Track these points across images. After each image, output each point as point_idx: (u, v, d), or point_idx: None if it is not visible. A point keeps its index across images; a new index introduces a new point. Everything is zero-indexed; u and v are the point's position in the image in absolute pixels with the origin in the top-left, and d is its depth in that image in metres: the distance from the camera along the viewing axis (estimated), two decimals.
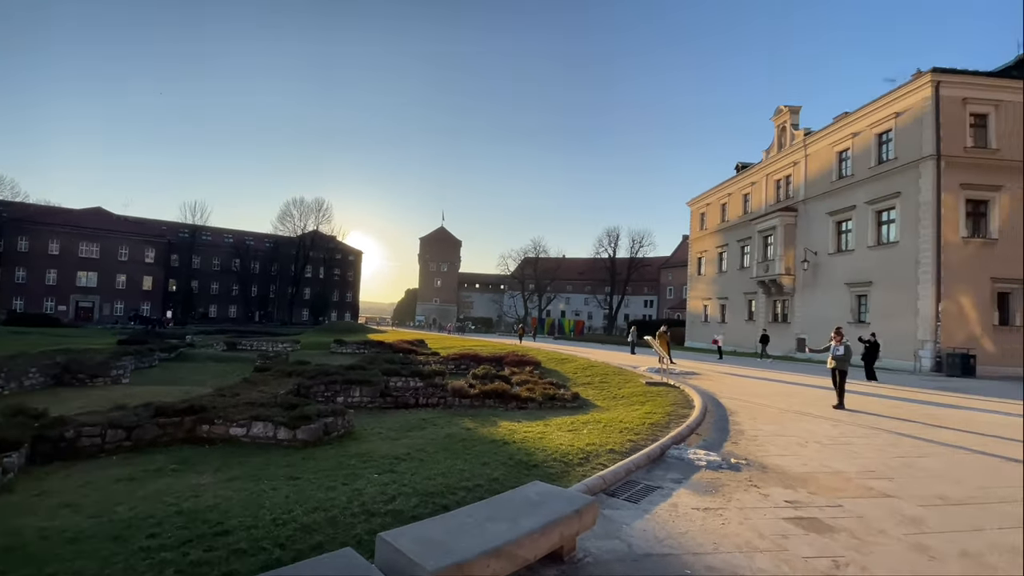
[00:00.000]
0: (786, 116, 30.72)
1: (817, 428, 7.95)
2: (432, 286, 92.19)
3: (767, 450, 6.47)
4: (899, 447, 6.83)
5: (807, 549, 3.58)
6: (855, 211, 24.40)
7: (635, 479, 5.18)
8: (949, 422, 8.84)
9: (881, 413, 9.54)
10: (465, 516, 2.85)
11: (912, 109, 21.41)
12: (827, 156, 26.85)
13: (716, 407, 9.72)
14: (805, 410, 9.69)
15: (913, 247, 20.77)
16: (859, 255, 24.08)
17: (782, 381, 15.36)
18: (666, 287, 78.04)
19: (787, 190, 30.70)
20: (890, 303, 21.87)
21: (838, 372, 10.06)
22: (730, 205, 37.89)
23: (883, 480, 5.27)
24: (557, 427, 7.76)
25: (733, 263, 36.60)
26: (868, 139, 23.87)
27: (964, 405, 11.14)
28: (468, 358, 19.41)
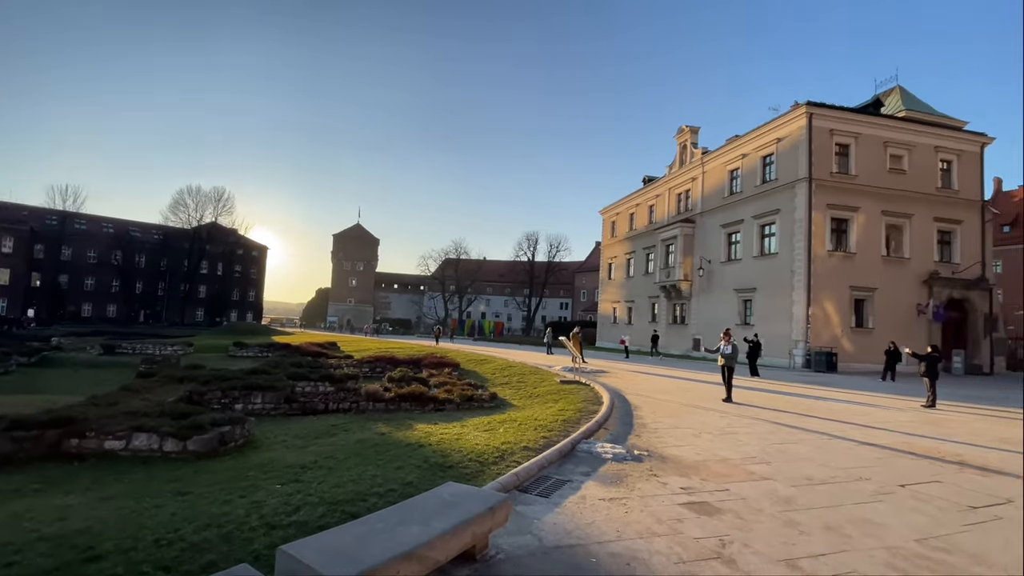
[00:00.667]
0: (687, 135, 33.42)
1: (709, 420, 8.74)
2: (346, 286, 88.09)
3: (666, 441, 6.99)
4: (776, 435, 7.70)
5: (698, 531, 3.93)
6: (743, 224, 27.16)
7: (547, 474, 5.35)
8: (816, 412, 10.13)
9: (762, 405, 10.70)
10: (375, 522, 2.78)
11: (790, 136, 24.30)
12: (721, 174, 29.61)
13: (622, 403, 10.32)
14: (699, 404, 10.60)
15: (789, 258, 23.55)
16: (745, 264, 26.82)
17: (680, 378, 16.66)
18: (580, 290, 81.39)
19: (687, 203, 33.38)
20: (770, 307, 24.59)
21: (727, 369, 11.14)
22: (637, 215, 40.40)
23: (762, 465, 5.92)
24: (474, 427, 7.79)
25: (639, 269, 39.05)
26: (755, 160, 26.71)
27: (828, 397, 12.82)
28: (384, 361, 18.82)
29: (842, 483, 5.33)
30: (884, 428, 8.50)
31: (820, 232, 23.02)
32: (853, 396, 13.12)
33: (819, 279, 22.68)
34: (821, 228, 23.07)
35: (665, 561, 3.39)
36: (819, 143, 23.35)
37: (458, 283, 77.37)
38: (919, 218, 24.45)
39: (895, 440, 7.54)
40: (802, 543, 3.77)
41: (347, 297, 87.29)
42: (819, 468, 5.87)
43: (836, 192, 23.46)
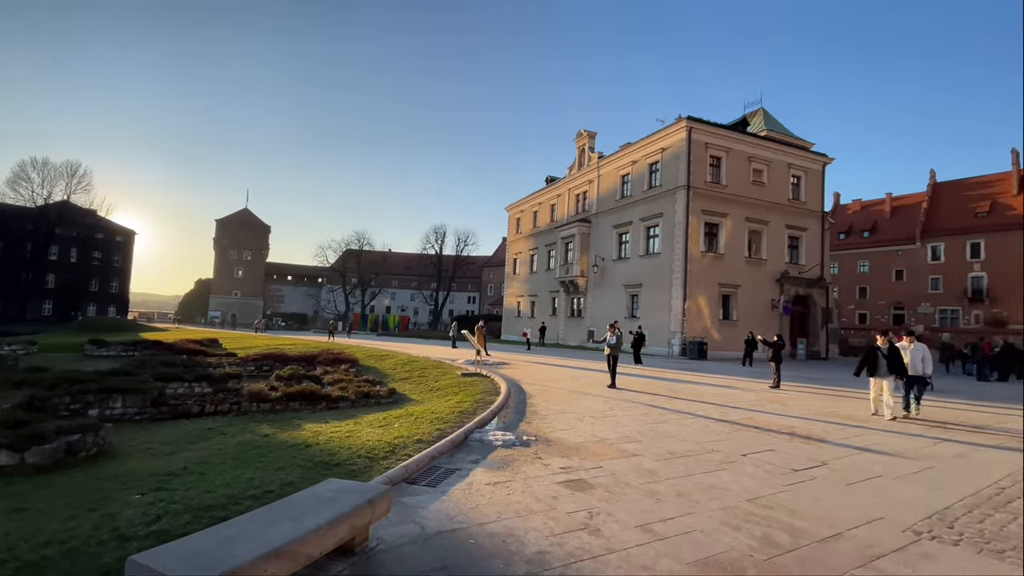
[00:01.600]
0: (586, 139, 35.27)
1: (593, 405, 9.46)
2: (231, 276, 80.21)
3: (553, 426, 7.48)
4: (649, 416, 8.57)
5: (571, 505, 4.32)
6: (632, 226, 29.41)
7: (438, 465, 5.49)
8: (684, 394, 11.40)
9: (640, 390, 11.78)
10: (244, 523, 2.71)
11: (673, 147, 26.75)
12: (614, 178, 31.72)
13: (518, 392, 10.77)
14: (587, 391, 11.40)
15: (670, 257, 25.99)
16: (633, 262, 29.09)
17: (574, 367, 17.69)
18: (487, 284, 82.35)
19: (584, 204, 35.28)
20: (653, 301, 26.96)
21: (611, 358, 12.10)
22: (540, 213, 41.83)
23: (633, 443, 6.59)
24: (368, 424, 7.67)
25: (541, 265, 40.53)
26: (643, 167, 29.00)
27: (696, 381, 14.45)
28: (273, 358, 17.59)
29: (696, 455, 6.12)
30: (736, 407, 9.83)
31: (695, 235, 25.67)
32: (716, 380, 14.91)
33: (694, 277, 25.32)
34: (696, 231, 25.74)
35: (538, 536, 3.69)
36: (697, 155, 25.99)
37: (361, 275, 74.15)
38: (774, 225, 28.29)
39: (743, 416, 8.78)
40: (657, 510, 4.30)
41: (232, 289, 79.65)
42: (680, 443, 6.67)
43: (709, 199, 26.30)
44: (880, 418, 8.89)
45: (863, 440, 7.17)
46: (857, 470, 5.62)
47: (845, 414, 9.42)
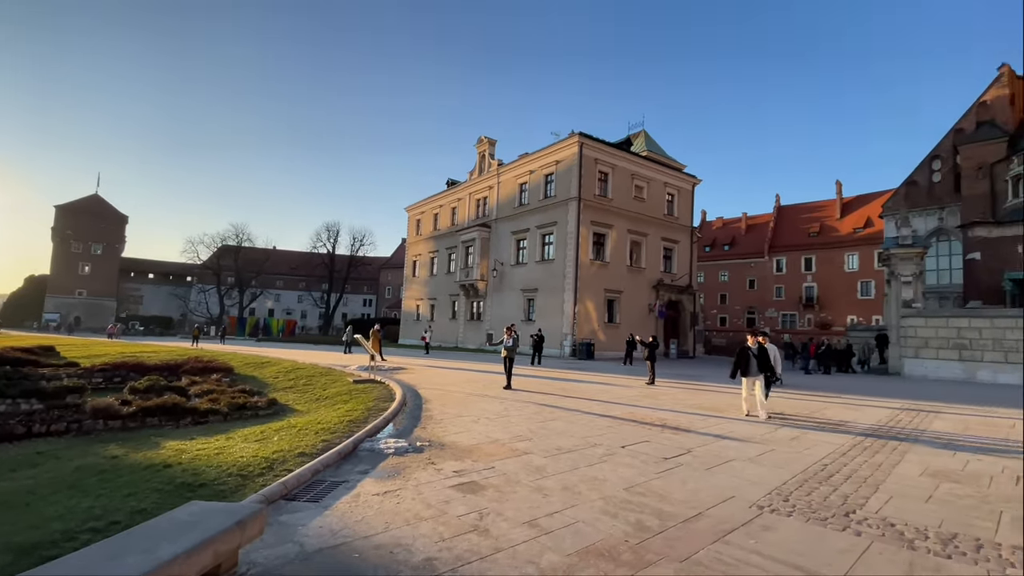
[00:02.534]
0: (486, 146, 35.80)
1: (489, 407, 9.61)
2: (75, 273, 68.06)
3: (448, 430, 7.46)
4: (541, 415, 8.91)
5: (462, 508, 4.33)
6: (529, 233, 30.46)
7: (322, 478, 5.18)
8: (573, 393, 12.04)
9: (534, 390, 12.22)
10: (77, 561, 2.33)
11: (567, 160, 28.23)
12: (513, 186, 32.60)
13: (415, 397, 10.56)
14: (484, 393, 11.54)
15: (563, 264, 27.37)
16: (530, 267, 30.14)
17: (472, 370, 17.80)
18: (385, 287, 79.53)
19: (484, 209, 35.76)
20: (548, 305, 28.15)
21: (508, 360, 12.39)
22: (441, 215, 41.54)
23: (526, 441, 6.81)
24: (243, 439, 6.99)
25: (442, 268, 40.22)
26: (539, 177, 30.20)
27: (584, 380, 15.33)
28: (128, 368, 15.28)
29: (581, 450, 6.49)
30: (618, 402, 10.62)
31: (585, 243, 27.32)
32: (602, 378, 15.97)
33: (583, 282, 26.91)
34: (586, 240, 27.40)
35: (427, 542, 3.66)
36: (587, 169, 27.71)
37: (239, 274, 67.23)
38: (652, 237, 31.09)
39: (624, 411, 9.51)
40: (544, 505, 4.49)
41: (76, 288, 67.71)
42: (567, 439, 7.03)
43: (598, 211, 28.16)
44: (754, 418, 9.05)
45: (721, 428, 8.14)
46: (715, 456, 6.37)
47: (708, 405, 10.63)
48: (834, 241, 50.46)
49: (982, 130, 25.89)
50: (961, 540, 3.84)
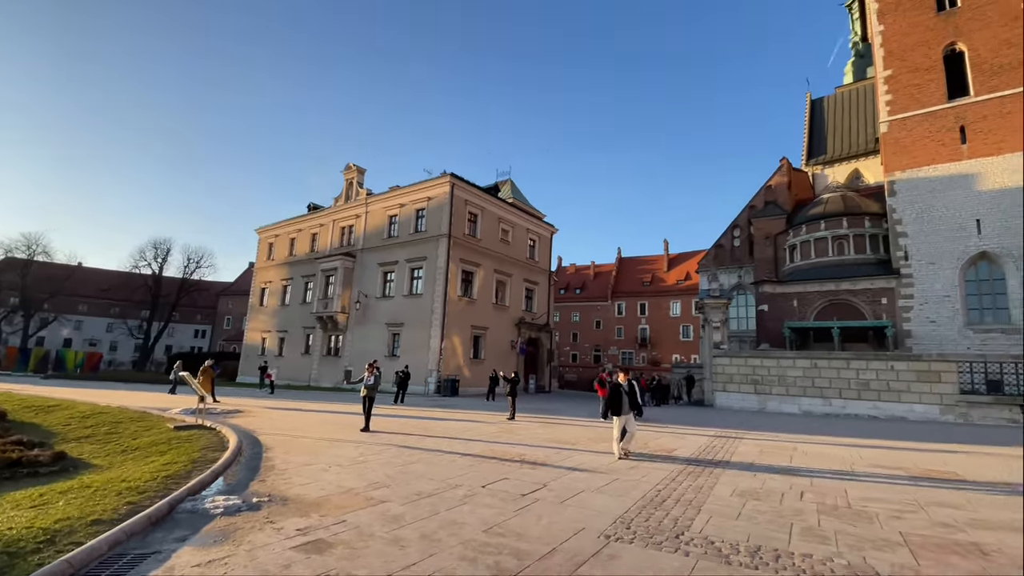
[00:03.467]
0: (355, 173, 34.65)
1: (343, 452, 8.91)
2: None
3: (292, 482, 6.70)
4: (401, 457, 8.53)
5: (306, 571, 3.89)
6: (397, 266, 29.85)
7: (125, 551, 4.24)
8: (436, 432, 11.79)
9: (395, 431, 11.68)
10: None
11: (438, 197, 28.64)
12: (382, 217, 31.89)
13: (253, 445, 9.34)
14: (338, 436, 10.68)
15: (431, 299, 27.23)
16: (397, 301, 29.37)
17: (325, 411, 16.40)
18: (224, 316, 70.05)
19: (350, 238, 34.19)
20: (414, 340, 27.54)
21: (367, 399, 11.72)
22: (299, 241, 38.58)
23: (382, 489, 6.42)
24: (14, 505, 5.43)
25: (296, 297, 37.03)
26: (411, 211, 30.06)
27: (447, 418, 15.14)
28: None
29: (441, 493, 6.33)
30: (479, 439, 10.68)
31: (454, 280, 27.64)
32: (465, 415, 15.95)
33: (451, 318, 27.01)
34: (455, 277, 27.75)
35: None
36: (458, 209, 28.40)
37: (24, 294, 53.14)
38: (516, 278, 32.71)
39: (485, 448, 9.58)
40: (400, 558, 4.23)
41: None
42: (428, 483, 6.81)
43: (467, 250, 28.85)
44: (625, 460, 8.90)
45: (573, 461, 8.65)
46: (568, 488, 6.72)
47: (562, 438, 11.24)
48: (662, 290, 58.52)
49: (768, 208, 32.79)
50: (764, 552, 4.57)
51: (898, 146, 25.93)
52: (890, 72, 26.71)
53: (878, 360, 20.76)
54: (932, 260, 24.29)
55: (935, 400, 19.22)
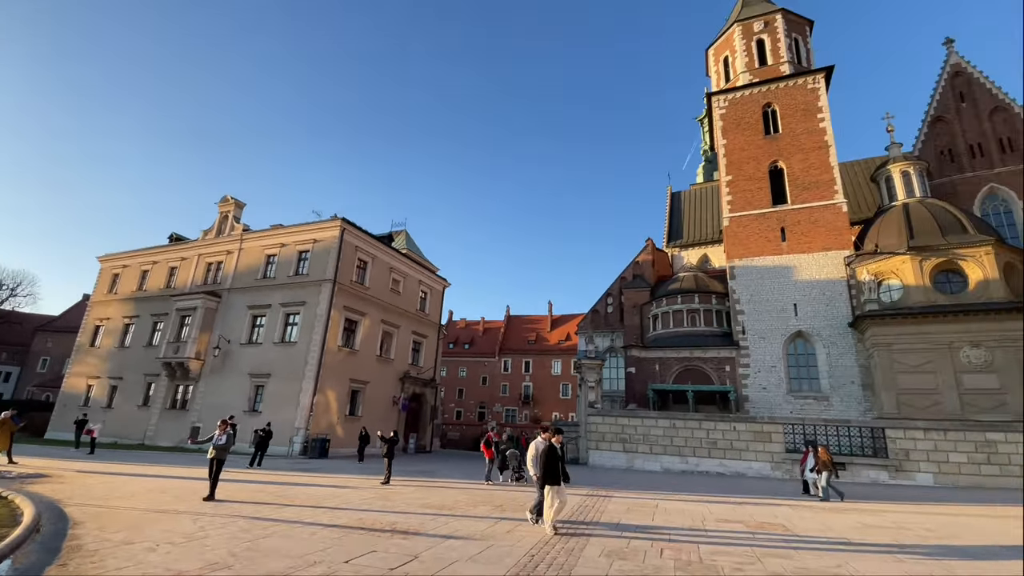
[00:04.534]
0: (232, 207, 32.00)
1: (177, 526, 7.63)
2: None
3: (105, 566, 5.56)
4: (251, 531, 7.52)
5: None
6: (270, 309, 27.46)
7: None
8: (297, 500, 10.64)
9: (247, 499, 10.32)
10: None
11: (325, 241, 27.44)
12: (259, 256, 29.52)
13: (57, 519, 7.61)
14: (173, 507, 9.14)
15: (306, 348, 25.25)
16: (266, 348, 26.74)
17: (162, 476, 13.99)
18: (40, 357, 57.40)
19: (216, 275, 30.93)
20: (281, 394, 25.03)
21: (216, 461, 10.28)
22: (153, 274, 33.96)
23: (224, 570, 5.59)
24: None
25: (140, 338, 32.02)
26: (292, 252, 28.29)
27: (312, 483, 13.77)
28: None
29: (296, 572, 5.70)
30: (347, 507, 9.86)
31: (335, 328, 26.11)
32: (333, 480, 14.65)
33: (328, 370, 25.20)
34: (337, 325, 26.25)
35: None
36: (347, 254, 27.42)
37: None
38: (403, 329, 31.90)
39: (353, 518, 8.86)
40: None
41: None
42: (281, 561, 6.08)
43: (352, 297, 27.66)
44: (531, 526, 8.59)
45: (449, 528, 8.36)
46: (440, 559, 6.44)
47: (439, 503, 10.82)
48: (546, 349, 61.01)
49: (636, 281, 36.56)
50: None
51: (736, 238, 31.06)
52: (730, 178, 32.38)
53: (723, 422, 23.50)
54: (763, 335, 28.76)
55: (767, 458, 22.10)
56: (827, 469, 14.39)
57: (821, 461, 14.56)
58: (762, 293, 29.36)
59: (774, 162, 31.57)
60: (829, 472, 14.39)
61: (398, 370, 31.02)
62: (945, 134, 32.36)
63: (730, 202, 31.96)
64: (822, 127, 30.59)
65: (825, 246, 28.62)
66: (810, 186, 30.02)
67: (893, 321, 24.65)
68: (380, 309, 29.79)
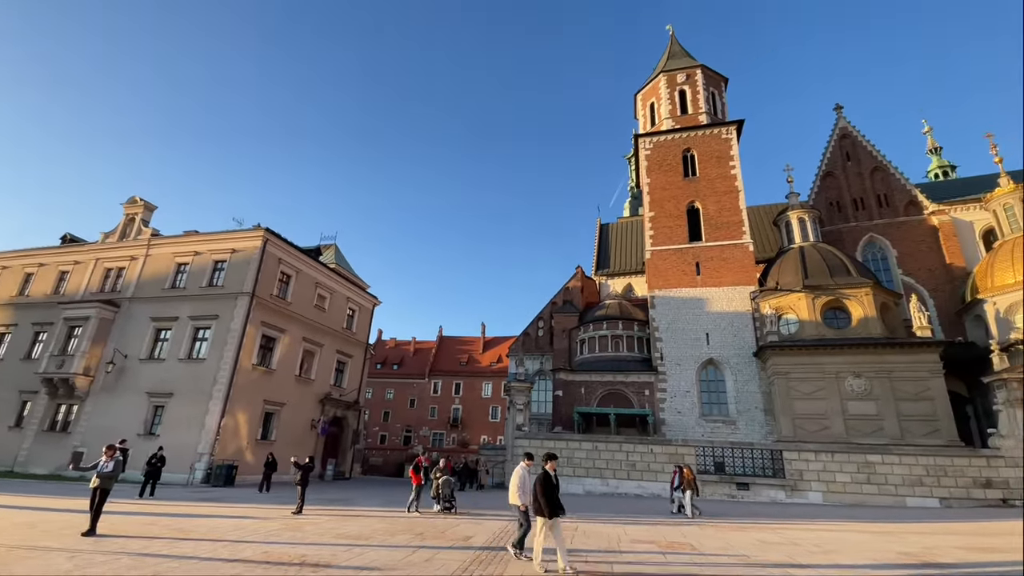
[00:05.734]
0: (140, 209, 29.46)
1: (50, 565, 6.76)
2: None
3: None
4: (138, 568, 6.83)
5: None
6: (177, 323, 25.28)
7: None
8: (195, 533, 9.77)
9: (136, 533, 9.33)
10: None
11: (245, 251, 25.90)
12: (168, 263, 27.25)
13: None
14: (45, 543, 8.07)
15: (216, 366, 23.41)
16: (169, 365, 24.48)
17: (33, 508, 12.28)
18: None
19: (116, 282, 28.12)
20: (184, 416, 22.91)
21: (100, 491, 9.25)
22: (39, 278, 30.26)
23: None
24: None
25: (17, 350, 28.22)
26: (207, 261, 26.39)
27: (215, 514, 12.68)
28: None
29: None
30: (252, 540, 9.20)
31: (251, 346, 24.50)
32: (239, 510, 13.58)
33: (239, 390, 23.50)
34: (253, 342, 24.66)
35: None
36: (268, 266, 26.03)
37: None
38: (327, 348, 30.55)
39: (258, 552, 8.28)
40: None
41: None
42: None
43: (272, 313, 26.17)
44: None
45: (364, 559, 8.05)
46: None
47: (355, 534, 10.37)
48: (477, 371, 60.74)
49: (566, 306, 37.74)
50: None
51: (656, 270, 33.14)
52: (653, 214, 34.69)
53: (642, 444, 24.58)
54: (679, 362, 30.62)
55: None
56: (690, 488, 15.63)
57: (686, 480, 15.84)
58: (679, 322, 31.36)
59: (691, 202, 34.25)
60: (691, 491, 15.61)
61: (319, 391, 29.52)
62: (834, 187, 36.89)
63: (652, 236, 34.13)
64: (733, 173, 33.75)
65: (734, 281, 31.25)
66: (722, 226, 32.83)
67: (790, 352, 27.26)
68: (302, 326, 28.37)
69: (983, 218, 32.47)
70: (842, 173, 36.99)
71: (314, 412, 28.93)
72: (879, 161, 36.35)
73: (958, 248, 32.45)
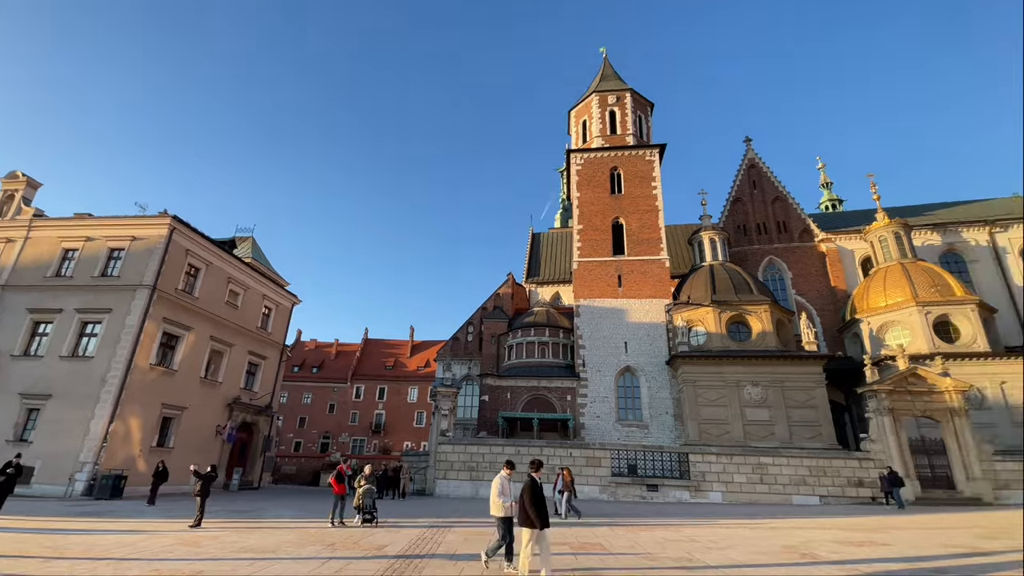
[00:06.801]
0: (21, 185, 25.99)
1: None
2: None
3: None
4: None
5: None
6: (61, 315, 22.52)
7: None
8: (70, 552, 8.78)
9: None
10: None
11: (148, 240, 23.66)
12: (53, 248, 24.24)
13: None
14: None
15: (106, 365, 21.11)
16: (48, 363, 21.73)
17: None
18: None
19: None
20: (64, 420, 20.40)
21: None
22: None
23: None
24: None
25: None
26: (101, 249, 23.80)
27: (97, 529, 11.44)
28: None
29: None
30: (140, 558, 8.44)
31: (149, 344, 22.39)
32: (128, 524, 12.37)
33: (133, 393, 21.37)
34: (151, 340, 22.55)
35: None
36: (174, 257, 23.97)
37: None
38: (238, 348, 28.56)
39: (146, 569, 7.62)
40: None
41: None
42: None
43: (176, 308, 24.08)
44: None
45: (268, 572, 7.68)
46: None
47: (259, 547, 9.82)
48: (403, 375, 59.44)
49: (495, 312, 38.14)
50: None
51: (583, 280, 34.48)
52: (581, 227, 36.10)
53: (562, 447, 25.35)
54: (599, 368, 31.98)
55: (597, 481, 24.31)
56: (568, 489, 16.35)
57: (565, 482, 16.46)
58: (601, 331, 32.78)
59: (616, 218, 36.05)
60: (570, 492, 16.33)
61: (227, 395, 27.47)
62: (741, 212, 40.43)
63: (580, 248, 35.47)
64: (654, 193, 35.98)
65: (652, 294, 33.23)
66: (643, 242, 34.84)
67: (698, 361, 29.42)
68: (211, 324, 26.31)
69: (863, 247, 37.06)
70: (749, 200, 40.64)
71: (221, 417, 26.87)
72: (780, 191, 40.37)
73: (841, 273, 36.75)
